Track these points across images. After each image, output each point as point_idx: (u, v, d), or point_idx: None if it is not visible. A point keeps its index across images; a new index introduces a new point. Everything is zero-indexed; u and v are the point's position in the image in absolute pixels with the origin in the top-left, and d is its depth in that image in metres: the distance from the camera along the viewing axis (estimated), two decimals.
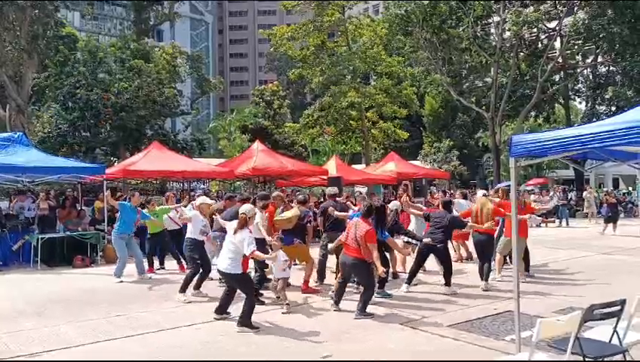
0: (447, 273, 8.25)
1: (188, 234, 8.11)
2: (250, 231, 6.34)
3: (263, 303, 7.32)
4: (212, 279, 8.62)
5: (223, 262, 6.31)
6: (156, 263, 10.67)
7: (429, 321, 6.64)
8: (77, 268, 11.08)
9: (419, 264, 8.47)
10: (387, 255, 8.28)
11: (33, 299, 8.17)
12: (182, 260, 9.97)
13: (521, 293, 5.22)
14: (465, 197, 12.39)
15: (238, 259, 6.19)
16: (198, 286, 8.07)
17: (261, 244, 7.16)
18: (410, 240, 9.19)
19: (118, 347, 5.77)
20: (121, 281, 9.31)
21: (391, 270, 8.70)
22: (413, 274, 8.41)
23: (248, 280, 6.52)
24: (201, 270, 8.07)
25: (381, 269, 6.75)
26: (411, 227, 10.73)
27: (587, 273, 10.03)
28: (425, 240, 8.31)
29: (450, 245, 9.41)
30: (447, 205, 8.64)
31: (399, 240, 9.12)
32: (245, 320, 6.20)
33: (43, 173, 12.19)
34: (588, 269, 10.48)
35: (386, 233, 7.82)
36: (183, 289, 7.83)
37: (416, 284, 8.76)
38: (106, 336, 6.10)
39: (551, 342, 4.33)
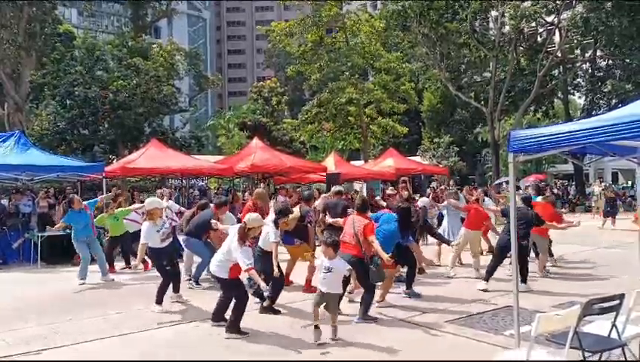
0: (525, 270, 8.12)
1: (150, 245, 7.23)
2: (251, 245, 5.97)
3: (278, 312, 6.94)
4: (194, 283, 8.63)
5: (212, 263, 6.18)
6: (122, 263, 10.55)
7: (429, 317, 6.65)
8: (77, 266, 11.00)
9: (499, 261, 8.26)
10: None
11: (34, 296, 8.18)
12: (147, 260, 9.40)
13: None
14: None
15: (225, 266, 5.94)
16: (176, 290, 7.61)
17: (267, 258, 6.75)
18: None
19: (118, 344, 5.78)
20: (83, 283, 9.04)
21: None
22: (492, 270, 8.19)
23: (235, 286, 6.04)
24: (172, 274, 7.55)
25: (385, 256, 6.31)
26: (444, 224, 10.66)
27: (586, 267, 10.07)
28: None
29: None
30: (528, 201, 8.40)
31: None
32: (232, 328, 5.87)
33: (42, 171, 12.18)
34: (587, 263, 10.52)
35: (410, 238, 7.51)
36: (159, 301, 7.16)
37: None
38: (106, 334, 6.10)
39: (550, 336, 4.34)
